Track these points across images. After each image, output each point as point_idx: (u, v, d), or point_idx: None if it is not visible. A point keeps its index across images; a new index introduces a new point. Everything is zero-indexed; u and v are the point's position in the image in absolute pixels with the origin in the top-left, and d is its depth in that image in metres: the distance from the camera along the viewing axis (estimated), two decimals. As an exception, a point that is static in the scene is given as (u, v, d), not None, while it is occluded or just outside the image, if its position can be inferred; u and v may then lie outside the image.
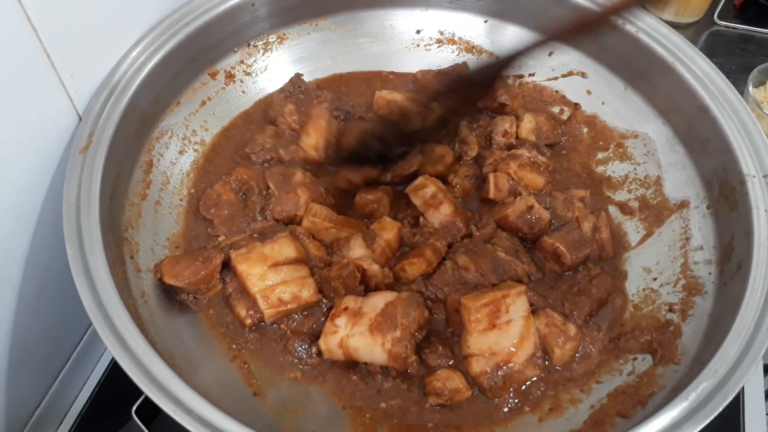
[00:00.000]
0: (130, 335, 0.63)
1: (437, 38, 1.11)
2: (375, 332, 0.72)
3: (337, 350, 0.73)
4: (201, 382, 0.66)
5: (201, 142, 0.96)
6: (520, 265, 0.82)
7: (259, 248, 0.79)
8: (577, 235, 0.86)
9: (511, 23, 1.07)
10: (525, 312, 0.75)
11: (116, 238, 0.76)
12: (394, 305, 0.74)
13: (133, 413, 0.75)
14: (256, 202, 0.88)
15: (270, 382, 0.76)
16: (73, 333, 0.89)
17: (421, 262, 0.81)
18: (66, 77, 0.75)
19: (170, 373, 0.61)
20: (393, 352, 0.72)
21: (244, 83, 1.03)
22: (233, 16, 0.96)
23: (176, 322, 0.77)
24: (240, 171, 0.91)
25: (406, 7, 1.09)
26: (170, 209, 0.88)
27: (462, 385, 0.73)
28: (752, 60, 1.23)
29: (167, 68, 0.88)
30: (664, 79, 0.92)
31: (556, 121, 1.03)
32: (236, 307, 0.78)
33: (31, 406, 0.82)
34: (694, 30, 1.30)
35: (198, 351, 0.76)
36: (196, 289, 0.79)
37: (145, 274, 0.78)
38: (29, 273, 0.76)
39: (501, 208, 0.89)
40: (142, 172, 0.86)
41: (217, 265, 0.79)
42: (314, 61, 1.07)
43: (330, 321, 0.74)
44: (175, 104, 0.93)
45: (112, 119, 0.79)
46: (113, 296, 0.65)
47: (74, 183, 0.73)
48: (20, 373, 0.78)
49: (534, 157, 0.94)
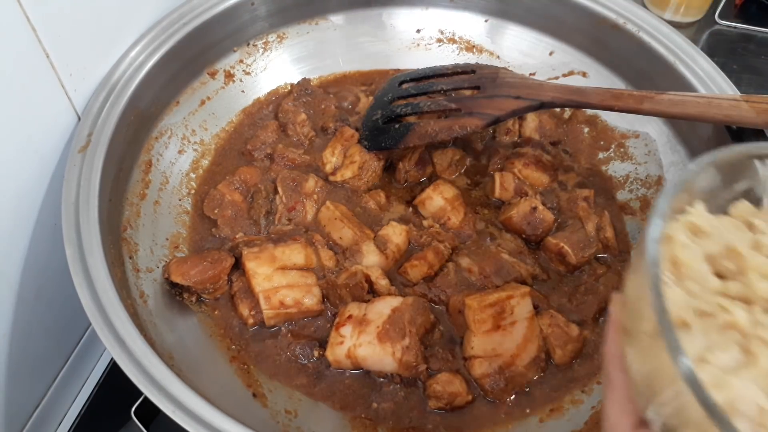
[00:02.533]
0: (129, 336, 0.62)
1: (437, 37, 1.10)
2: (384, 341, 0.71)
3: (345, 360, 0.73)
4: (200, 382, 0.66)
5: (200, 141, 0.96)
6: (524, 267, 0.82)
7: (271, 249, 0.79)
8: (582, 234, 0.85)
9: (511, 22, 1.07)
10: (529, 313, 0.75)
11: (115, 239, 0.76)
12: (401, 311, 0.73)
13: (133, 414, 0.75)
14: (262, 205, 0.88)
15: (270, 383, 0.75)
16: (72, 333, 0.89)
17: (422, 265, 0.81)
18: (65, 77, 0.75)
19: (169, 373, 0.61)
20: (404, 362, 0.71)
21: (244, 83, 1.03)
22: (232, 15, 0.96)
23: (176, 322, 0.77)
24: (243, 171, 0.91)
25: (406, 6, 1.09)
26: (169, 209, 0.88)
27: (462, 389, 0.72)
28: (753, 59, 1.23)
29: (166, 68, 0.88)
30: (664, 78, 0.92)
31: (559, 119, 1.03)
32: (240, 306, 0.78)
33: (30, 407, 0.82)
34: (694, 29, 1.30)
35: (197, 352, 0.76)
36: (202, 289, 0.79)
37: (145, 274, 0.78)
38: (28, 273, 0.76)
39: (505, 209, 0.89)
40: (141, 172, 0.86)
41: (226, 267, 0.79)
42: (314, 60, 1.07)
43: (335, 331, 0.74)
44: (174, 104, 0.93)
45: (111, 119, 0.79)
46: (112, 296, 0.65)
47: (73, 183, 0.72)
48: (19, 373, 0.78)
49: (539, 155, 0.94)
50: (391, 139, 0.90)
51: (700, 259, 0.37)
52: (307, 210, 0.88)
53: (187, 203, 0.90)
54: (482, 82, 0.90)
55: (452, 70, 0.95)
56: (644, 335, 0.35)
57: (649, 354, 0.35)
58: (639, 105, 0.78)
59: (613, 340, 0.42)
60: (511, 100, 0.85)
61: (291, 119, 0.98)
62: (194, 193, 0.92)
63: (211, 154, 0.96)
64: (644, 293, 0.35)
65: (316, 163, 0.95)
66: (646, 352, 0.35)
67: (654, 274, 0.33)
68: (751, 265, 0.37)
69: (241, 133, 1.00)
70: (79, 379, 0.90)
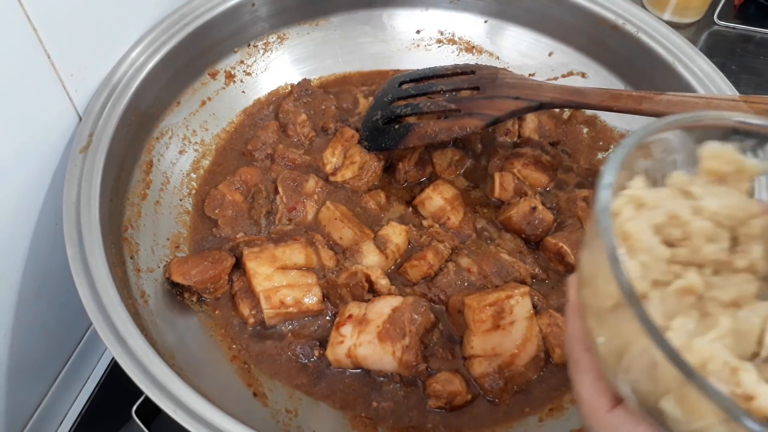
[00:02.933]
0: (130, 335, 0.63)
1: (437, 38, 1.11)
2: (384, 340, 0.72)
3: (345, 360, 0.73)
4: (201, 382, 0.66)
5: (201, 142, 0.96)
6: (523, 267, 0.82)
7: (271, 249, 0.79)
8: (581, 234, 0.85)
9: (511, 23, 1.07)
10: (529, 313, 0.75)
11: (116, 238, 0.76)
12: (401, 311, 0.74)
13: (134, 413, 0.75)
14: (262, 205, 0.88)
15: (270, 383, 0.76)
16: (73, 333, 0.89)
17: (422, 265, 0.82)
18: (66, 77, 0.75)
19: (170, 373, 0.61)
20: (404, 361, 0.72)
21: (244, 83, 1.03)
22: (233, 16, 0.96)
23: (177, 322, 0.77)
24: (244, 171, 0.91)
25: (406, 7, 1.09)
26: (170, 209, 0.88)
27: (461, 388, 0.73)
28: (752, 60, 1.23)
29: (167, 68, 0.88)
30: (663, 79, 0.92)
31: (558, 120, 1.04)
32: (240, 306, 0.78)
33: (31, 407, 0.82)
34: (693, 30, 1.31)
35: (198, 351, 0.76)
36: (203, 288, 0.79)
37: (146, 274, 0.78)
38: (29, 273, 0.76)
39: (505, 209, 0.90)
40: (142, 172, 0.86)
41: (227, 267, 0.79)
42: (314, 61, 1.07)
43: (335, 330, 0.74)
44: (175, 104, 0.93)
45: (112, 119, 0.79)
46: (113, 296, 0.65)
47: (74, 183, 0.73)
48: (20, 373, 0.78)
49: (538, 155, 0.95)
50: (391, 140, 0.91)
51: (648, 230, 0.37)
52: (307, 210, 0.88)
53: (188, 203, 0.91)
54: (482, 82, 0.90)
55: (452, 71, 0.95)
56: (606, 311, 0.35)
57: (614, 327, 0.35)
58: (638, 105, 0.78)
59: (574, 324, 0.42)
60: (510, 101, 0.85)
61: (291, 119, 0.98)
62: (195, 193, 0.92)
63: (212, 154, 0.97)
64: (601, 270, 0.35)
65: (317, 163, 0.95)
66: (611, 326, 0.36)
67: (611, 248, 0.33)
68: (695, 229, 0.37)
69: (242, 133, 1.00)
70: (80, 378, 0.90)
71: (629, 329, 0.33)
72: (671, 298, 0.35)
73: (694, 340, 0.33)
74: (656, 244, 0.36)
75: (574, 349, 0.41)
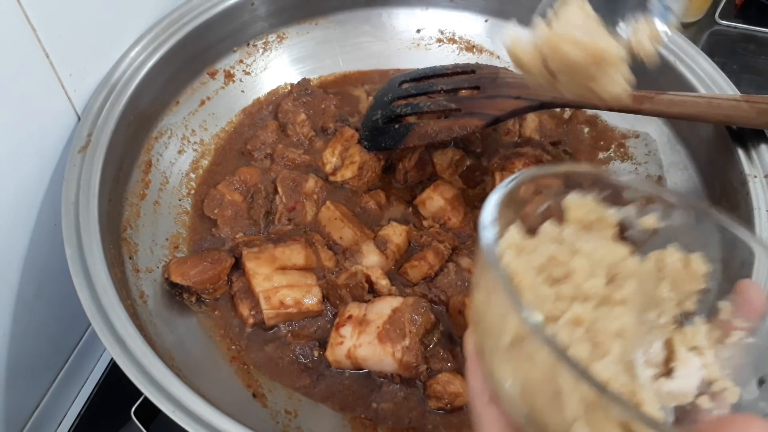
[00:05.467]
0: (129, 336, 0.62)
1: (437, 37, 1.10)
2: (384, 341, 0.71)
3: (345, 361, 0.73)
4: (200, 383, 0.66)
5: (200, 141, 0.96)
6: (522, 266, 0.82)
7: (271, 250, 0.79)
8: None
9: (512, 22, 1.06)
10: (527, 313, 0.75)
11: (115, 239, 0.76)
12: (401, 311, 0.73)
13: (132, 414, 0.75)
14: (261, 206, 0.88)
15: (269, 383, 0.75)
16: (72, 333, 0.88)
17: (422, 265, 0.81)
18: (65, 77, 0.75)
19: (169, 373, 0.60)
20: (404, 362, 0.71)
21: (244, 83, 1.03)
22: (232, 15, 0.96)
23: (176, 322, 0.77)
24: (243, 171, 0.91)
25: (406, 6, 1.09)
26: (169, 209, 0.88)
27: (462, 389, 0.72)
28: (753, 59, 1.23)
29: (166, 68, 0.88)
30: (665, 78, 0.91)
31: (559, 119, 1.03)
32: (240, 306, 0.78)
33: (29, 407, 0.82)
34: (695, 29, 1.30)
35: (197, 352, 0.76)
36: (202, 289, 0.79)
37: (144, 274, 0.78)
38: (27, 273, 0.76)
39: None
40: (141, 172, 0.86)
41: (226, 267, 0.79)
42: (314, 60, 1.07)
43: (335, 331, 0.74)
44: (174, 104, 0.93)
45: (111, 119, 0.79)
46: (112, 297, 0.65)
47: (73, 183, 0.72)
48: (18, 373, 0.78)
49: (539, 155, 0.94)
50: (391, 140, 0.90)
51: (531, 270, 0.39)
52: (307, 210, 0.88)
53: (187, 203, 0.90)
54: (482, 82, 0.89)
55: (452, 70, 0.95)
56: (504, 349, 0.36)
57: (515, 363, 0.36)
58: (639, 105, 0.78)
59: (475, 377, 0.41)
60: (511, 100, 0.85)
61: (291, 119, 0.98)
62: (194, 193, 0.92)
63: (211, 154, 0.96)
64: (495, 305, 0.36)
65: (316, 163, 0.95)
66: (512, 363, 0.36)
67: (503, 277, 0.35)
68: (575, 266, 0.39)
69: (241, 133, 1.00)
70: (79, 379, 0.90)
71: (530, 360, 0.33)
72: (563, 330, 0.36)
73: (592, 365, 0.34)
74: (541, 282, 0.38)
75: (476, 404, 0.40)
